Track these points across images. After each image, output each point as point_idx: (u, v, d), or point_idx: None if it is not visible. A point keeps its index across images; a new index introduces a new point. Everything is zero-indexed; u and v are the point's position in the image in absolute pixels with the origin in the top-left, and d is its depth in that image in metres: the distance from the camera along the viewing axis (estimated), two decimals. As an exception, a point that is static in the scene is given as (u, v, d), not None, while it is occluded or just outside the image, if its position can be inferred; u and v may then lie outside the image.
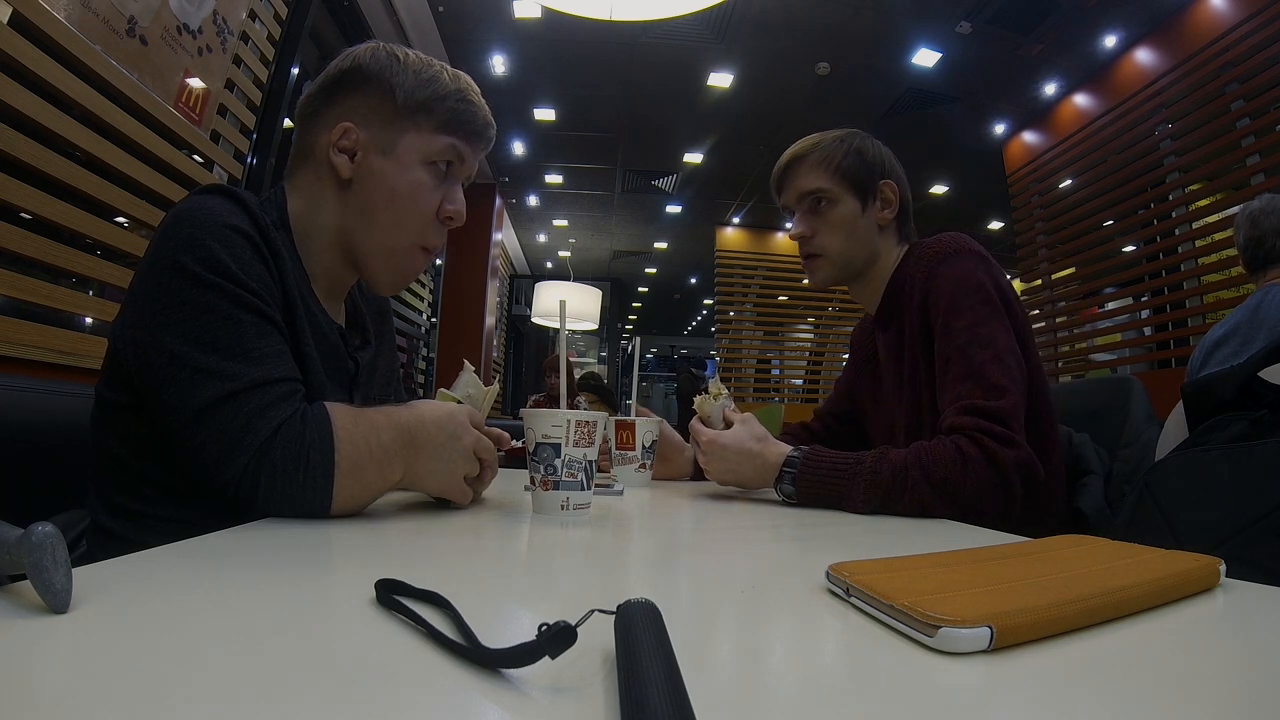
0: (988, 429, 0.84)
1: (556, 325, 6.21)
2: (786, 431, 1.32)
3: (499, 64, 4.26)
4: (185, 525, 0.51)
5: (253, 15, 2.13)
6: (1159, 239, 3.53)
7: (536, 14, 3.64)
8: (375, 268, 0.80)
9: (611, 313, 9.58)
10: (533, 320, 6.05)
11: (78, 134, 1.46)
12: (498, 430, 0.77)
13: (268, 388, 0.62)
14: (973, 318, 0.92)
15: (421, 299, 4.56)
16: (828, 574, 0.40)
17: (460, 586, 0.42)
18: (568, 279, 6.42)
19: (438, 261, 5.34)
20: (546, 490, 0.70)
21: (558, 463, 0.69)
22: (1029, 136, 4.68)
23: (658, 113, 4.84)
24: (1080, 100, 4.19)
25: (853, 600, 0.37)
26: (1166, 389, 1.22)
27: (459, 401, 0.77)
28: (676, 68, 4.25)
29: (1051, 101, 4.39)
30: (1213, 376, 0.85)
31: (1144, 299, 3.64)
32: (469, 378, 0.83)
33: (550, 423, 0.69)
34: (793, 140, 1.12)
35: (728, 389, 1.02)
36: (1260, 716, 0.26)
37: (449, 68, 0.79)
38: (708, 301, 10.47)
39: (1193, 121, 3.30)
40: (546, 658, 0.26)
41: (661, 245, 8.10)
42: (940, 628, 0.30)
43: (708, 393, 1.00)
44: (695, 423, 0.97)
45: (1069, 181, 4.16)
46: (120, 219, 1.65)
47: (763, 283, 6.42)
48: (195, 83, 1.86)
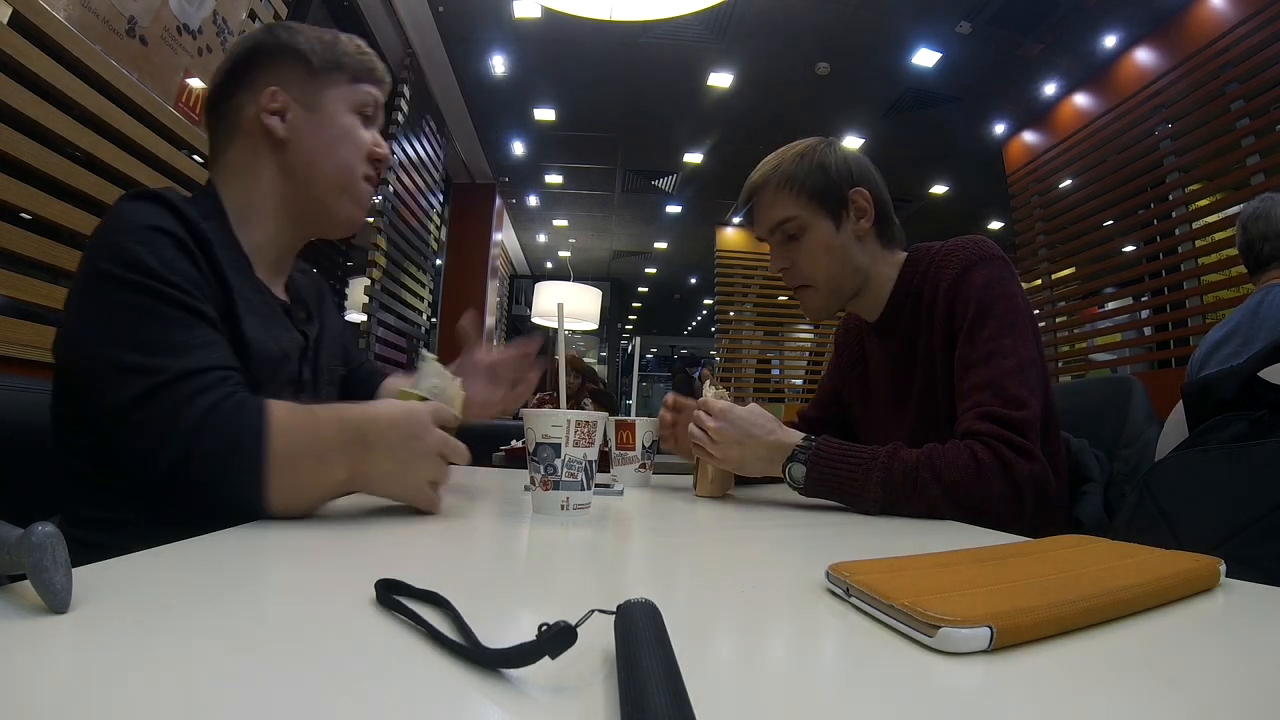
0: (1006, 438, 0.82)
1: (557, 325, 6.21)
2: None
3: (499, 64, 4.26)
4: (153, 528, 0.50)
5: (253, 15, 2.13)
6: (1159, 239, 3.53)
7: (536, 14, 3.64)
8: (333, 209, 0.85)
9: (611, 313, 9.58)
10: (533, 320, 6.05)
11: (78, 134, 1.46)
12: (449, 412, 0.70)
13: (194, 378, 0.61)
14: (998, 327, 0.90)
15: (421, 299, 4.55)
16: (827, 574, 0.40)
17: (460, 586, 0.42)
18: (568, 279, 6.43)
19: (438, 262, 5.34)
20: (546, 490, 0.70)
21: (558, 463, 0.69)
22: (1029, 136, 4.68)
23: (658, 113, 4.84)
24: (1080, 100, 4.19)
25: (853, 600, 0.37)
26: (1166, 389, 1.22)
27: (423, 399, 0.74)
28: (676, 68, 4.26)
29: (1051, 101, 4.39)
30: (1213, 376, 0.85)
31: (1144, 299, 3.64)
32: (432, 368, 0.77)
33: (550, 423, 0.69)
34: (793, 140, 1.07)
35: (728, 390, 1.01)
36: (1260, 716, 0.26)
37: (340, 33, 0.86)
38: (708, 302, 10.46)
39: (1193, 121, 3.30)
40: (546, 658, 0.26)
41: (661, 245, 8.10)
42: (940, 628, 0.30)
43: (706, 384, 1.00)
44: (702, 401, 0.95)
45: (1069, 181, 4.16)
46: (120, 219, 1.65)
47: (763, 283, 6.41)
48: (195, 83, 1.86)
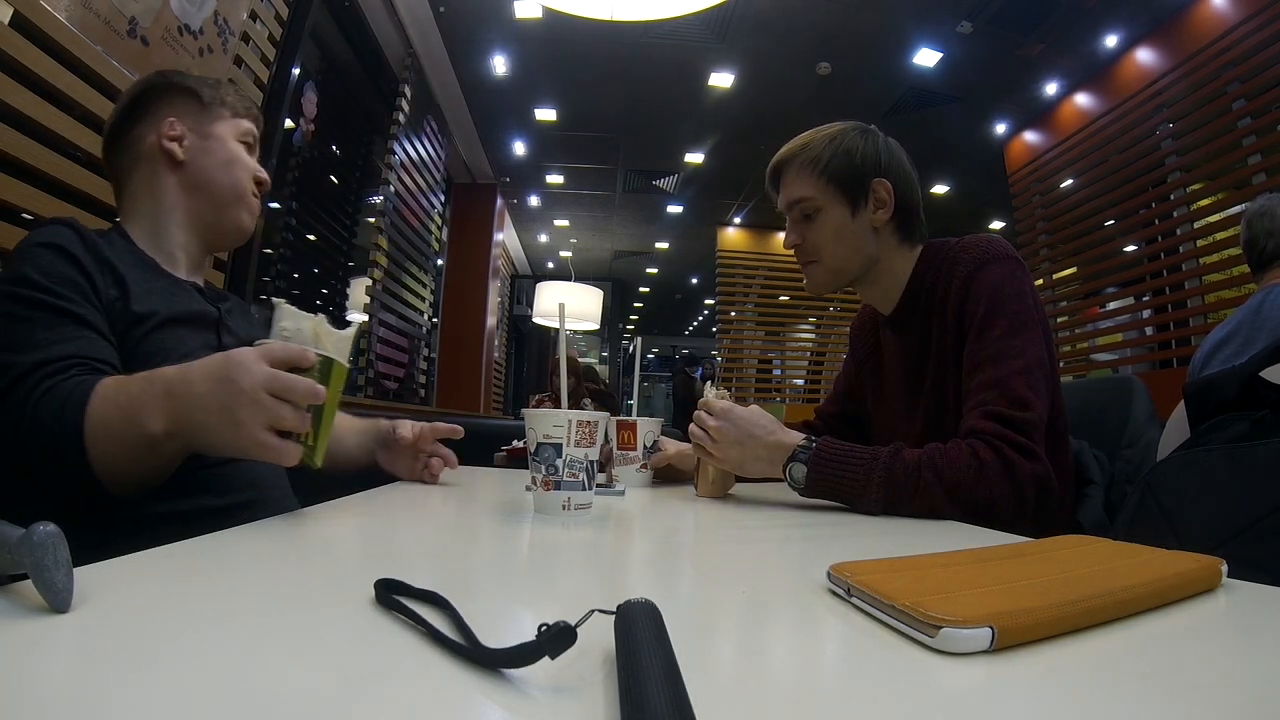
0: (1009, 438, 0.82)
1: (558, 326, 6.20)
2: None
3: (500, 64, 4.26)
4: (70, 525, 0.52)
5: (254, 16, 2.13)
6: (1160, 239, 3.53)
7: (537, 14, 3.64)
8: (229, 219, 0.97)
9: (613, 313, 9.59)
10: (534, 320, 6.05)
11: (79, 134, 1.46)
12: (295, 347, 0.62)
13: (45, 366, 0.69)
14: (1008, 326, 0.90)
15: (422, 299, 4.56)
16: (829, 574, 0.40)
17: (460, 586, 0.42)
18: (569, 279, 6.42)
19: (439, 262, 5.34)
20: (548, 490, 0.70)
21: (559, 463, 0.69)
22: (1030, 136, 4.67)
23: (659, 113, 4.85)
24: (1081, 100, 4.19)
25: (854, 600, 0.37)
26: (1168, 389, 1.22)
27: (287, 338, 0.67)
28: (677, 68, 4.26)
29: (1052, 101, 4.38)
30: (1214, 376, 0.85)
31: (1145, 299, 3.64)
32: (282, 312, 0.67)
33: (552, 423, 0.69)
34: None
35: (729, 391, 1.01)
36: (1262, 717, 0.26)
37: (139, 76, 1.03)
38: (709, 302, 10.46)
39: (1194, 121, 3.29)
40: (546, 658, 0.26)
41: (663, 245, 8.10)
42: (941, 628, 0.30)
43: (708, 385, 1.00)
44: (704, 401, 0.96)
45: (1070, 181, 4.16)
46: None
47: (764, 283, 6.42)
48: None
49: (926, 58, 4.03)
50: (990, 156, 5.00)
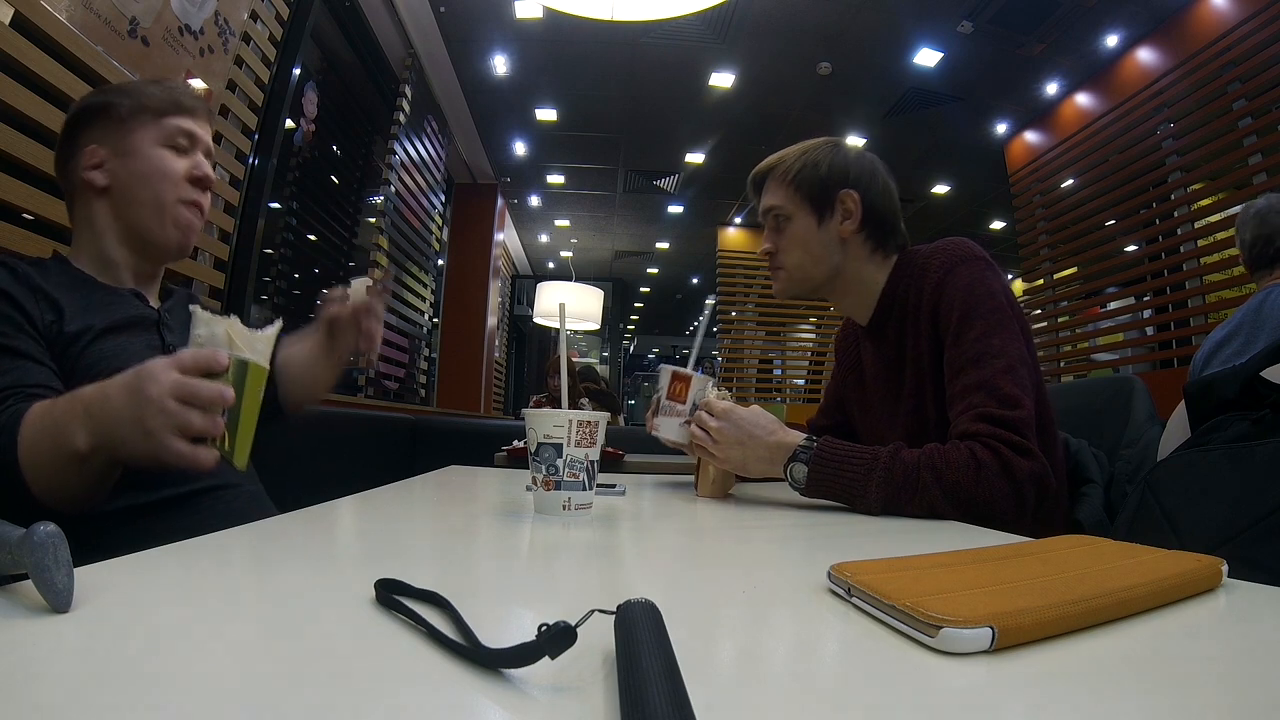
0: (1005, 438, 0.83)
1: (558, 326, 6.20)
2: None
3: (500, 64, 4.26)
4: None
5: (254, 16, 2.13)
6: (1161, 238, 3.53)
7: (538, 14, 3.65)
8: (155, 232, 0.95)
9: (613, 313, 9.58)
10: (534, 321, 6.05)
11: (80, 135, 1.46)
12: (206, 352, 0.62)
13: None
14: (985, 327, 0.91)
15: (423, 299, 4.56)
16: (829, 574, 0.40)
17: (460, 586, 0.42)
18: (570, 279, 6.42)
19: (439, 262, 5.34)
20: (549, 490, 0.70)
21: (559, 463, 0.69)
22: (1030, 136, 4.67)
23: (659, 113, 4.84)
24: (1082, 100, 4.19)
25: (854, 601, 0.37)
26: (1168, 389, 1.22)
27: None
28: (678, 68, 4.26)
29: (1053, 101, 4.38)
30: (1215, 376, 0.85)
31: (1146, 299, 3.64)
32: (197, 317, 0.66)
33: (552, 423, 0.69)
34: (794, 140, 1.11)
35: (729, 392, 1.01)
36: (1262, 717, 0.26)
37: (146, 78, 0.99)
38: (709, 301, 10.46)
39: (1194, 121, 3.29)
40: (546, 658, 0.26)
41: (663, 245, 8.10)
42: (941, 628, 0.30)
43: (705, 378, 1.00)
44: (705, 401, 0.96)
45: (1071, 181, 4.16)
46: (122, 219, 1.65)
47: (764, 283, 6.41)
48: (197, 84, 1.86)
49: (927, 58, 4.03)
50: (991, 156, 4.99)
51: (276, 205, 2.76)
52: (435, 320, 5.28)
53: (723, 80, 4.38)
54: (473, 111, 4.86)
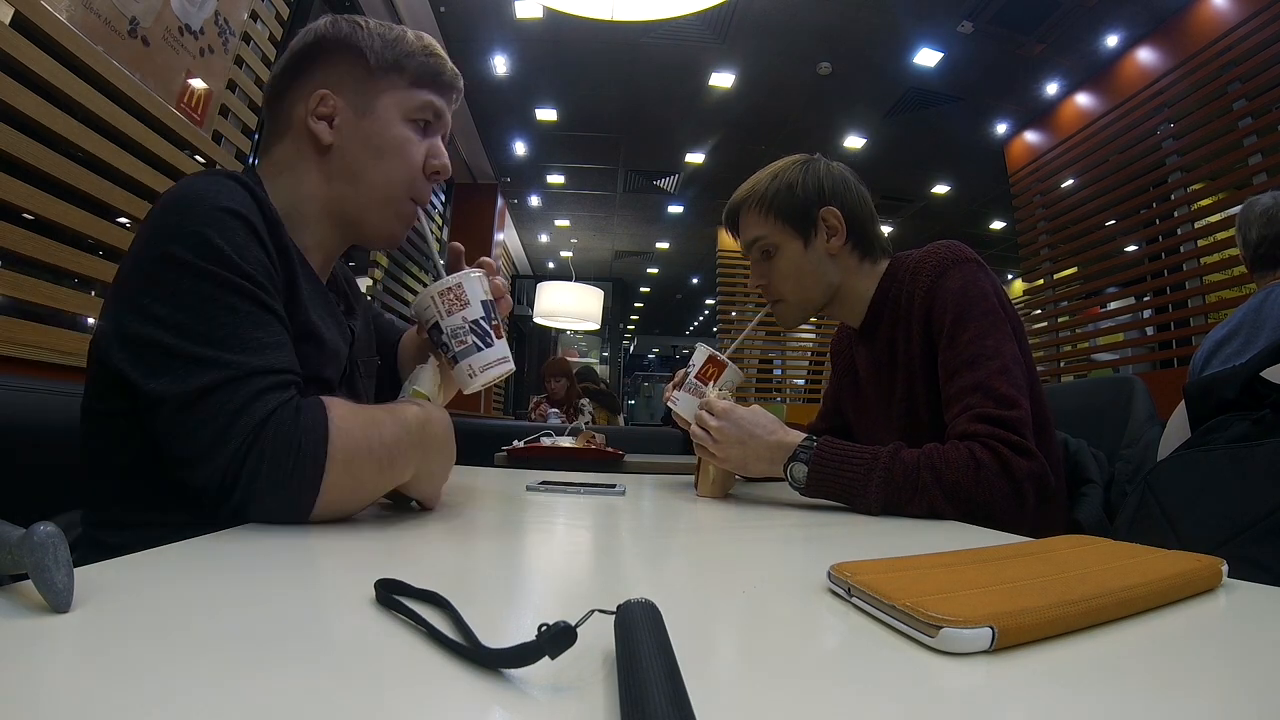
0: (1004, 438, 0.83)
1: (559, 326, 6.21)
2: None
3: (500, 64, 4.26)
4: (180, 530, 0.49)
5: (254, 15, 2.14)
6: (1161, 238, 3.53)
7: (538, 14, 3.65)
8: (373, 224, 0.80)
9: (613, 313, 9.58)
10: (535, 321, 6.05)
11: (79, 135, 1.46)
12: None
13: (264, 377, 0.59)
14: (978, 329, 0.91)
15: (423, 299, 4.55)
16: (829, 574, 0.40)
17: (460, 586, 0.42)
18: (569, 279, 6.43)
19: (439, 262, 5.34)
20: (451, 369, 0.69)
21: (444, 338, 0.68)
22: (1031, 136, 4.67)
23: (659, 113, 4.85)
24: (1082, 100, 4.19)
25: (854, 600, 0.37)
26: (1168, 389, 1.22)
27: (427, 397, 0.73)
28: (678, 68, 4.26)
29: (1053, 101, 4.38)
30: (1215, 376, 0.85)
31: (1146, 299, 3.64)
32: (432, 372, 0.75)
33: (421, 310, 0.69)
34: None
35: (729, 392, 1.01)
36: (1262, 717, 0.26)
37: (409, 29, 0.79)
38: (710, 302, 10.47)
39: (1194, 121, 3.29)
40: (546, 658, 0.26)
41: (663, 245, 8.10)
42: (942, 628, 0.30)
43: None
44: (705, 401, 0.96)
45: (1071, 181, 4.16)
46: (122, 219, 1.65)
47: (764, 283, 6.40)
48: (197, 83, 1.86)
49: (927, 58, 4.03)
50: (991, 156, 4.99)
51: (277, 205, 2.74)
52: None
53: (723, 80, 4.38)
54: (473, 111, 4.86)
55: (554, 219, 7.33)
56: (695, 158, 5.53)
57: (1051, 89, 4.28)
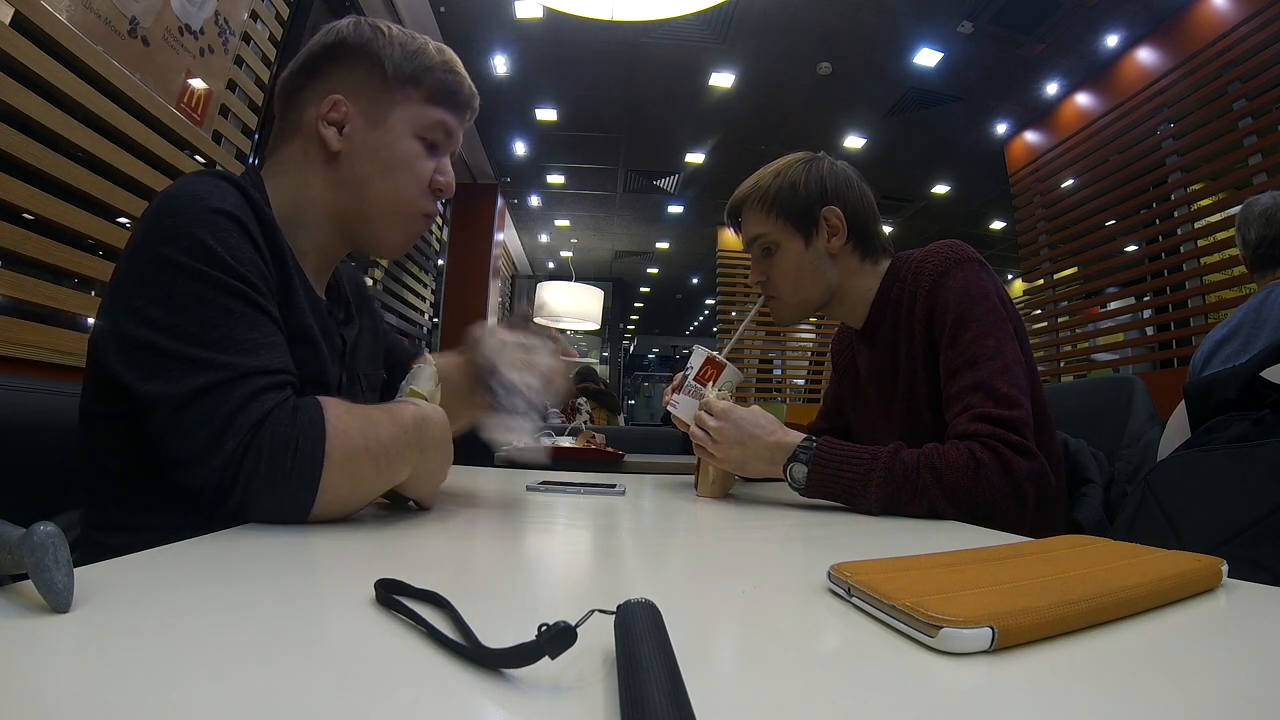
0: (1004, 438, 0.83)
1: (559, 326, 6.22)
2: None
3: (500, 64, 4.26)
4: (178, 533, 0.49)
5: (254, 15, 2.14)
6: (1161, 238, 3.53)
7: (538, 14, 3.64)
8: (379, 234, 0.79)
9: (613, 313, 9.58)
10: (535, 320, 6.04)
11: (79, 134, 1.46)
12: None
13: (261, 377, 0.59)
14: (980, 329, 0.91)
15: (423, 299, 4.56)
16: (829, 574, 0.40)
17: (460, 586, 0.42)
18: (569, 279, 6.43)
19: (439, 262, 5.35)
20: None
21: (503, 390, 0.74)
22: (1030, 136, 4.67)
23: (659, 113, 4.84)
24: (1082, 100, 4.19)
25: (854, 600, 0.37)
26: (1168, 389, 1.22)
27: (424, 397, 0.73)
28: (678, 68, 4.25)
29: (1053, 101, 4.38)
30: (1215, 376, 0.85)
31: (1146, 299, 3.64)
32: (431, 372, 0.76)
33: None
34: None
35: (729, 392, 1.01)
36: (1262, 717, 0.26)
37: (432, 40, 0.79)
38: (710, 302, 10.46)
39: (1194, 121, 3.29)
40: (546, 658, 0.26)
41: (663, 245, 8.10)
42: (942, 628, 0.30)
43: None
44: (705, 401, 0.96)
45: (1071, 181, 4.16)
46: (122, 219, 1.65)
47: (764, 283, 6.40)
48: (197, 83, 1.86)
49: (927, 58, 4.02)
50: (991, 156, 4.99)
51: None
52: (435, 320, 5.28)
53: (723, 80, 4.38)
54: (473, 111, 4.85)
55: (554, 219, 7.32)
56: (695, 158, 5.53)
57: (1051, 89, 4.27)
